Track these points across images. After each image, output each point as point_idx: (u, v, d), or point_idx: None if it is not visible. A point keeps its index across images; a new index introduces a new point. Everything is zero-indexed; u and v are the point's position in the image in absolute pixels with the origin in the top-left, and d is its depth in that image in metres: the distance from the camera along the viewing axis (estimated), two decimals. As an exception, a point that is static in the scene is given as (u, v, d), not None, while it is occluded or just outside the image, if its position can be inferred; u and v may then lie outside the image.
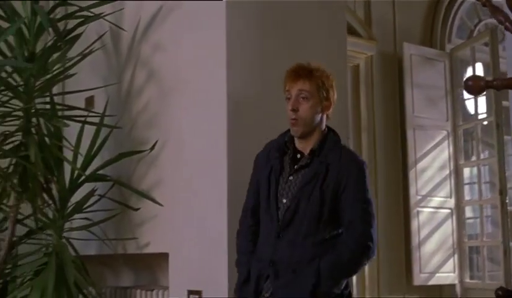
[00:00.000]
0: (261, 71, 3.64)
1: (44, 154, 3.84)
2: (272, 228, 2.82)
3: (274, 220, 2.82)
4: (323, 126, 2.92)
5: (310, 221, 2.77)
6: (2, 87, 3.80)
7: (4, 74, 3.81)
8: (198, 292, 3.59)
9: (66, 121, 3.93)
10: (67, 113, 4.08)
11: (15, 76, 3.89)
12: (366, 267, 5.44)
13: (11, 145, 3.85)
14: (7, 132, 3.83)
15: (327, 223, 2.80)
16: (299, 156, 2.87)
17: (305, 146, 2.87)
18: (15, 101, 3.86)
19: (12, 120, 3.85)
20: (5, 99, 3.85)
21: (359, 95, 5.76)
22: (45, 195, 3.95)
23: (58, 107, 4.05)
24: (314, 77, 2.85)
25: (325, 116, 2.90)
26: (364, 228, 2.80)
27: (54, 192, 3.99)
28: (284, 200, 2.81)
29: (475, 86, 2.07)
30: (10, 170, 3.83)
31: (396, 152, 5.89)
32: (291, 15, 3.81)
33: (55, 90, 4.24)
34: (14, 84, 3.85)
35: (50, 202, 3.98)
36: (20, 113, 3.84)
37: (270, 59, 3.66)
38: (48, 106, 4.01)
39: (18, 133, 3.84)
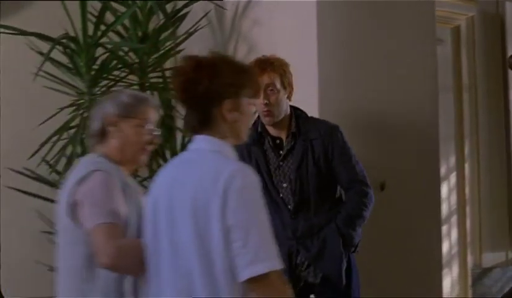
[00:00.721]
0: (350, 49, 3.96)
1: (163, 125, 4.35)
2: (283, 212, 3.16)
3: (282, 206, 3.16)
4: (288, 109, 3.25)
5: (316, 194, 3.17)
6: (120, 65, 4.33)
7: (121, 53, 4.34)
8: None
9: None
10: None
11: (131, 54, 4.40)
12: (468, 224, 5.67)
13: (130, 115, 4.39)
14: (127, 104, 4.38)
15: (329, 190, 3.19)
16: (278, 141, 3.19)
17: (280, 131, 3.20)
18: (131, 76, 4.39)
19: (129, 94, 4.38)
20: (122, 74, 4.37)
21: (460, 56, 5.87)
22: (160, 160, 4.47)
23: (169, 80, 4.54)
24: (276, 68, 3.17)
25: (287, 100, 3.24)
26: (362, 181, 3.22)
27: (168, 156, 4.50)
28: (285, 185, 3.16)
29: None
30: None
31: (499, 111, 5.99)
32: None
33: (167, 65, 4.74)
34: (130, 61, 4.36)
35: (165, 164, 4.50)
36: (136, 87, 4.37)
37: (358, 37, 3.97)
38: (160, 80, 4.50)
39: (135, 105, 4.37)
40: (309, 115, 3.52)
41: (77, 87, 4.23)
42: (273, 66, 3.21)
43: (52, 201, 4.45)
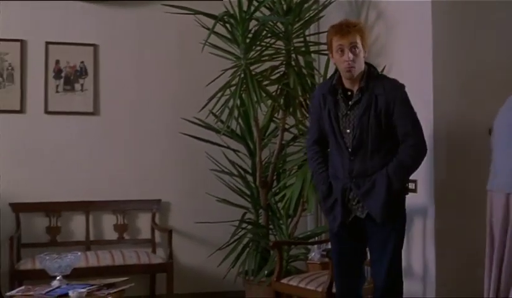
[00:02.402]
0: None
1: (301, 81, 5.26)
2: (344, 154, 3.74)
3: (343, 148, 3.73)
4: (363, 66, 3.74)
5: (373, 141, 3.68)
6: (269, 34, 5.27)
7: (270, 24, 5.27)
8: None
9: (313, 55, 5.33)
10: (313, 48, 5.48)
11: (278, 24, 5.32)
12: None
13: (277, 75, 5.34)
14: (274, 66, 5.33)
15: (386, 139, 3.71)
16: (349, 93, 3.74)
17: (353, 85, 3.72)
18: (278, 43, 5.32)
19: (277, 57, 5.32)
20: (272, 41, 5.32)
21: None
22: (303, 111, 5.40)
23: (310, 44, 5.42)
24: (359, 30, 3.70)
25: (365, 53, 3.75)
26: (417, 135, 3.72)
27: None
28: (348, 131, 3.71)
29: None
30: (278, 93, 5.34)
31: None
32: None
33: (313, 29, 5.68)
34: (277, 31, 5.29)
35: (307, 115, 5.42)
36: (282, 52, 5.30)
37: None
38: (302, 45, 5.39)
39: (281, 67, 5.31)
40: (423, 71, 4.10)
41: (235, 53, 5.23)
42: (356, 28, 3.71)
43: (217, 145, 5.62)
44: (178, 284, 5.66)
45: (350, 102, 3.75)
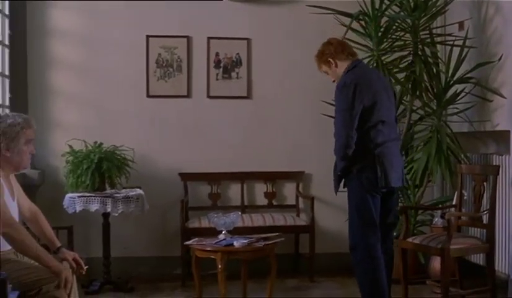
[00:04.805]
0: None
1: (426, 69, 5.99)
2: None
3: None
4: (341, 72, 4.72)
5: None
6: (398, 29, 6.04)
7: (398, 20, 6.03)
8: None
9: (438, 46, 6.06)
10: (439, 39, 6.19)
11: (406, 20, 6.05)
12: None
13: (405, 64, 6.10)
14: (402, 56, 6.10)
15: None
16: None
17: None
18: (406, 36, 6.07)
19: (405, 48, 6.09)
20: (400, 35, 6.08)
21: None
22: (429, 94, 6.13)
23: (435, 36, 6.14)
24: (318, 61, 4.84)
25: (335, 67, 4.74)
26: (335, 130, 4.62)
27: (434, 91, 6.14)
28: None
29: None
30: (406, 79, 6.09)
31: None
32: None
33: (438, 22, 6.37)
34: (405, 25, 6.04)
35: (432, 98, 6.14)
36: (410, 43, 6.05)
37: None
38: (428, 37, 6.11)
39: (409, 56, 6.08)
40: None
41: (369, 46, 6.04)
42: (317, 60, 4.84)
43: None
44: (318, 244, 6.46)
45: None
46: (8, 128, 3.73)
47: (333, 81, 4.80)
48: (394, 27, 6.01)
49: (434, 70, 6.03)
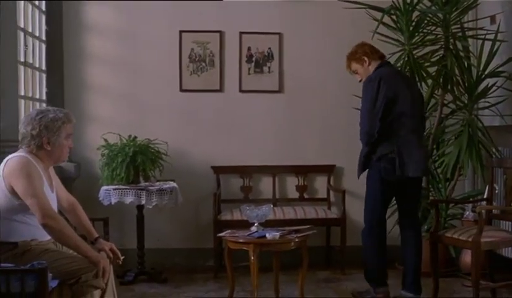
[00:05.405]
0: None
1: (458, 63, 6.01)
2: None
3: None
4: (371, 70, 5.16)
5: None
6: (430, 23, 6.06)
7: (430, 15, 6.04)
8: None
9: (470, 39, 6.07)
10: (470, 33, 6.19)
11: (437, 14, 6.06)
12: None
13: (436, 58, 6.11)
14: (434, 50, 6.12)
15: None
16: None
17: None
18: (438, 30, 6.08)
19: (436, 42, 6.11)
20: (432, 29, 6.10)
21: None
22: (460, 88, 6.14)
23: (466, 30, 6.14)
24: (351, 59, 5.30)
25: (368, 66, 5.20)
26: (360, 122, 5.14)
27: (466, 85, 6.14)
28: None
29: None
30: (437, 73, 6.11)
31: None
32: None
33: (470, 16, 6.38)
34: (436, 20, 6.06)
35: (463, 92, 6.15)
36: (441, 38, 6.06)
37: None
38: (459, 30, 6.12)
39: (440, 50, 6.09)
40: None
41: (400, 40, 6.06)
42: (349, 59, 5.29)
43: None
44: (349, 237, 6.50)
45: None
46: (51, 123, 3.85)
47: (360, 81, 5.27)
48: (425, 21, 6.03)
49: (466, 64, 6.04)
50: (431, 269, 5.32)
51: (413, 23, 5.98)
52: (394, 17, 6.03)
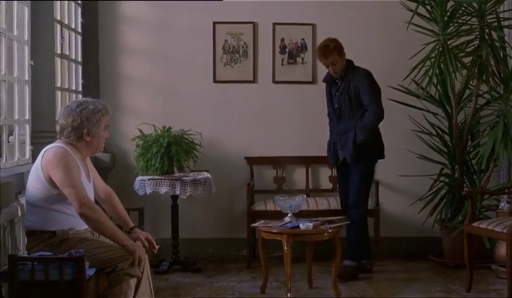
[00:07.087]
0: None
1: (493, 53, 5.95)
2: (334, 120, 5.96)
3: (335, 116, 5.93)
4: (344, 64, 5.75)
5: (348, 110, 5.82)
6: (465, 13, 6.01)
7: (465, 4, 5.99)
8: None
9: (506, 29, 6.01)
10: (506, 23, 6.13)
11: (472, 3, 6.01)
12: None
13: (471, 48, 6.06)
14: (469, 40, 6.07)
15: (357, 109, 5.79)
16: (337, 81, 5.91)
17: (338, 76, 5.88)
18: (473, 20, 6.03)
19: (471, 32, 6.06)
20: (466, 19, 6.05)
21: None
22: (495, 79, 6.08)
23: (501, 20, 6.07)
24: (334, 50, 5.74)
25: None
26: (373, 105, 5.71)
27: (501, 76, 6.07)
28: (336, 105, 5.94)
29: None
30: (472, 64, 6.06)
31: None
32: None
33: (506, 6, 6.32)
34: (471, 10, 6.00)
35: (499, 82, 6.08)
36: (476, 28, 6.01)
37: None
38: (494, 20, 6.06)
39: (475, 41, 6.04)
40: None
41: (434, 30, 6.02)
42: (330, 48, 5.75)
43: (419, 108, 6.41)
44: (383, 228, 6.51)
45: (336, 86, 5.92)
46: (92, 115, 3.92)
47: (334, 73, 5.86)
48: (460, 11, 5.98)
49: (501, 54, 5.99)
50: (466, 260, 5.29)
51: (448, 13, 5.95)
52: (428, 7, 5.99)
